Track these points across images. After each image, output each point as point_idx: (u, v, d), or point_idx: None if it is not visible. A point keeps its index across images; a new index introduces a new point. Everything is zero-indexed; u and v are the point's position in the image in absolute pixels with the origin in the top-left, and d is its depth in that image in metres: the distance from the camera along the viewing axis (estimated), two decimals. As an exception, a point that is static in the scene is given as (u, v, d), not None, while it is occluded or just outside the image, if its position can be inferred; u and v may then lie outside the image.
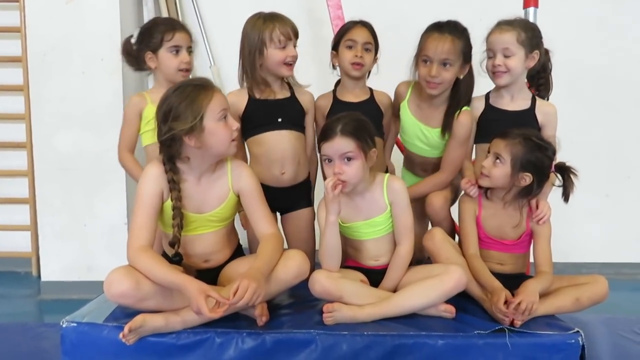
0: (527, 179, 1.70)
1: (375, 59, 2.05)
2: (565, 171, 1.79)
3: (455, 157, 1.93)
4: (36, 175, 2.72)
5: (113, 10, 2.60)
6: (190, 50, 1.96)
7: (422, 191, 1.97)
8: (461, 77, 1.87)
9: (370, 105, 2.05)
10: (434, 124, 1.95)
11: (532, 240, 1.79)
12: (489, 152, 1.75)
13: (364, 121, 1.68)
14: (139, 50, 1.94)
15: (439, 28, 1.84)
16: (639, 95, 2.95)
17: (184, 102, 1.50)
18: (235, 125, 1.58)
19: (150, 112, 1.88)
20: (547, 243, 1.76)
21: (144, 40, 1.92)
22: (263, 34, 1.84)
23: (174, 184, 1.55)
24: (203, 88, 1.53)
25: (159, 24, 1.95)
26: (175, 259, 1.59)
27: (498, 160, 1.71)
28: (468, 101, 1.92)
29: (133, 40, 1.96)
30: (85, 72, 2.63)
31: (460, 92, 1.89)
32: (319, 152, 1.69)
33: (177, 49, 1.92)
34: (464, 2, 2.72)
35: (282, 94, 1.96)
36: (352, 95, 2.05)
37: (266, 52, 1.85)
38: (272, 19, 1.86)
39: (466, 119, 1.89)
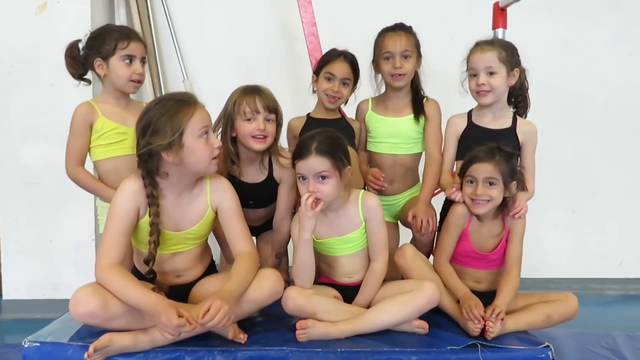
0: (513, 187, 1.74)
1: (353, 90, 2.07)
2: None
3: (437, 138, 2.06)
4: (0, 189, 2.64)
5: (84, 21, 2.56)
6: (143, 62, 1.84)
7: (430, 190, 2.01)
8: (418, 69, 2.06)
9: (342, 122, 2.10)
10: (404, 114, 2.08)
11: (507, 241, 1.79)
12: (469, 180, 1.74)
13: (339, 138, 1.67)
14: (87, 56, 1.81)
15: (392, 28, 2.04)
16: (603, 114, 3.06)
17: (164, 116, 1.45)
18: (217, 143, 1.53)
19: (101, 124, 1.78)
20: (519, 242, 1.78)
21: (95, 46, 1.79)
22: (233, 105, 1.78)
23: (153, 199, 1.50)
24: (185, 103, 1.49)
25: (113, 31, 1.82)
26: (149, 277, 1.54)
27: (491, 184, 1.71)
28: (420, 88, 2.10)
29: (82, 45, 1.82)
30: (54, 84, 2.57)
31: (419, 82, 2.08)
32: (293, 167, 1.68)
33: (130, 59, 1.79)
34: (435, 22, 2.79)
35: (256, 177, 1.88)
36: (325, 114, 2.08)
37: (236, 124, 1.78)
38: (247, 91, 1.78)
39: (435, 103, 2.09)
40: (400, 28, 2.03)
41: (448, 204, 1.89)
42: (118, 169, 1.77)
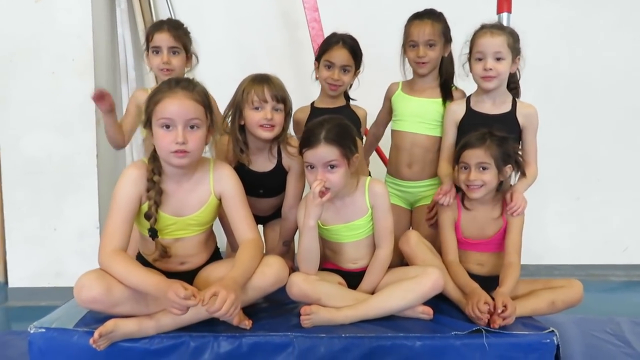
0: (508, 170, 1.74)
1: (355, 74, 2.05)
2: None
3: None
4: (3, 179, 2.64)
5: (84, 9, 2.55)
6: (174, 51, 1.97)
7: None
8: (446, 55, 2.05)
9: (346, 110, 2.07)
10: (431, 96, 2.07)
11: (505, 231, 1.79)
12: (463, 167, 1.74)
13: (347, 126, 1.66)
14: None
15: (418, 16, 2.02)
16: (607, 100, 3.03)
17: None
18: (180, 139, 1.45)
19: None
20: (518, 233, 1.77)
21: (146, 43, 2.03)
22: (242, 93, 1.77)
23: (154, 163, 1.52)
24: (165, 89, 1.49)
25: (152, 26, 2.05)
26: (150, 234, 1.54)
27: (483, 169, 1.71)
28: (452, 75, 2.08)
29: None
30: (55, 72, 2.56)
31: (447, 67, 2.06)
32: (301, 155, 1.65)
33: (157, 50, 1.97)
34: (439, 6, 2.75)
35: (265, 166, 1.88)
36: (329, 103, 2.07)
37: (244, 113, 1.78)
38: (256, 80, 1.78)
39: (461, 93, 2.07)
40: (428, 16, 2.00)
41: None
42: None
